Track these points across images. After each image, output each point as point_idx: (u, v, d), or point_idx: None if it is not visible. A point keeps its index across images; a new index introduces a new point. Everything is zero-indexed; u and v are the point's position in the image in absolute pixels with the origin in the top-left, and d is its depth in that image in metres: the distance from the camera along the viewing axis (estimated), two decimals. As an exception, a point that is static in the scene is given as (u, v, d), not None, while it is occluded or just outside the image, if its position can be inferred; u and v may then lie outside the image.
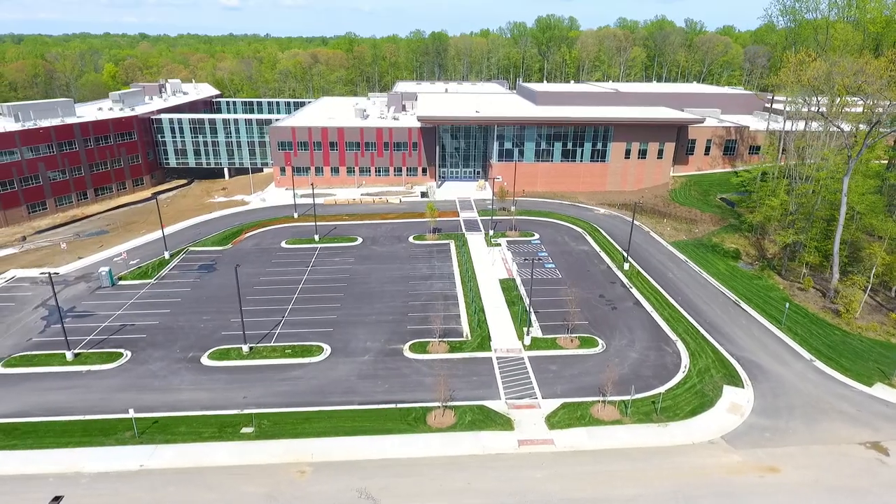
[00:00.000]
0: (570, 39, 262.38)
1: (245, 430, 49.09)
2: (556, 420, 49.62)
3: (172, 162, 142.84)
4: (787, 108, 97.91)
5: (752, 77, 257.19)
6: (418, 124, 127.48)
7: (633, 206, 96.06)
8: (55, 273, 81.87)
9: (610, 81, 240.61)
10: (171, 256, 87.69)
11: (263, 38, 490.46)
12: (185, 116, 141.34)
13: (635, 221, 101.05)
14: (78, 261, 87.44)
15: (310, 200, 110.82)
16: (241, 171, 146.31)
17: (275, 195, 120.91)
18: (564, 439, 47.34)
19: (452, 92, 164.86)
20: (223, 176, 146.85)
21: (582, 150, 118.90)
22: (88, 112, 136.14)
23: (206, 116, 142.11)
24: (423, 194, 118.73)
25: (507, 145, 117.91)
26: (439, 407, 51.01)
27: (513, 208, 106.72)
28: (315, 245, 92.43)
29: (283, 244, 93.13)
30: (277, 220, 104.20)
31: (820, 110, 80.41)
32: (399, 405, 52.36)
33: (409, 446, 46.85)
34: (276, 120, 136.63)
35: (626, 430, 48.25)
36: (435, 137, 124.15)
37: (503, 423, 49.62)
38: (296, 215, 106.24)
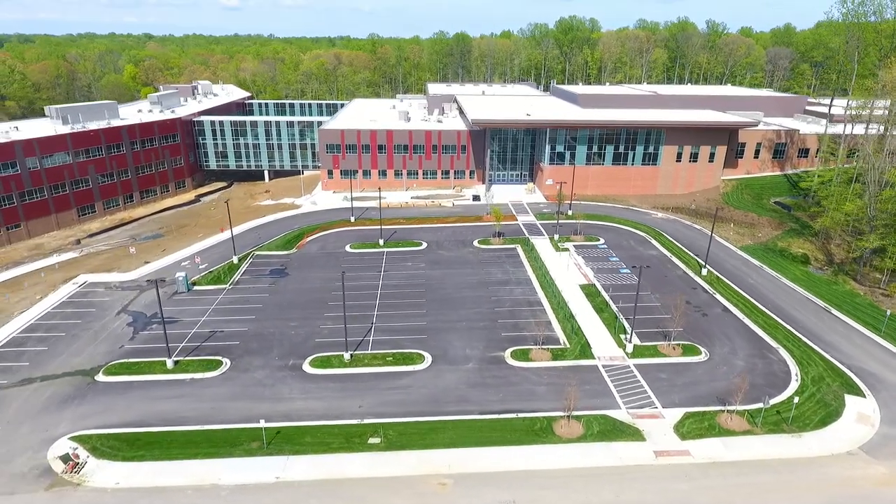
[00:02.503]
0: (592, 41, 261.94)
1: (372, 440, 48.50)
2: (685, 430, 49.08)
3: (213, 164, 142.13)
4: (852, 112, 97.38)
5: (773, 79, 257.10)
6: (464, 127, 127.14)
7: (713, 212, 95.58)
8: (126, 281, 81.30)
9: (632, 83, 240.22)
10: (240, 261, 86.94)
11: (268, 39, 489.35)
12: (227, 118, 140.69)
13: (696, 225, 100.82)
14: (145, 265, 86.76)
15: (358, 204, 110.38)
16: (280, 173, 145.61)
17: (324, 198, 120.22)
18: (700, 450, 46.81)
19: (490, 94, 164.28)
20: (262, 178, 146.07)
21: (633, 154, 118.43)
22: (129, 114, 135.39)
23: (247, 118, 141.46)
24: (476, 198, 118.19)
25: (559, 148, 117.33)
26: (564, 417, 50.43)
27: (570, 212, 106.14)
28: (381, 249, 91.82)
29: (348, 248, 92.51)
30: (335, 224, 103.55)
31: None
32: (519, 415, 51.77)
33: (544, 457, 46.31)
34: (319, 122, 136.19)
35: (760, 441, 47.77)
36: (484, 140, 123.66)
37: (632, 433, 49.08)
38: (352, 219, 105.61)
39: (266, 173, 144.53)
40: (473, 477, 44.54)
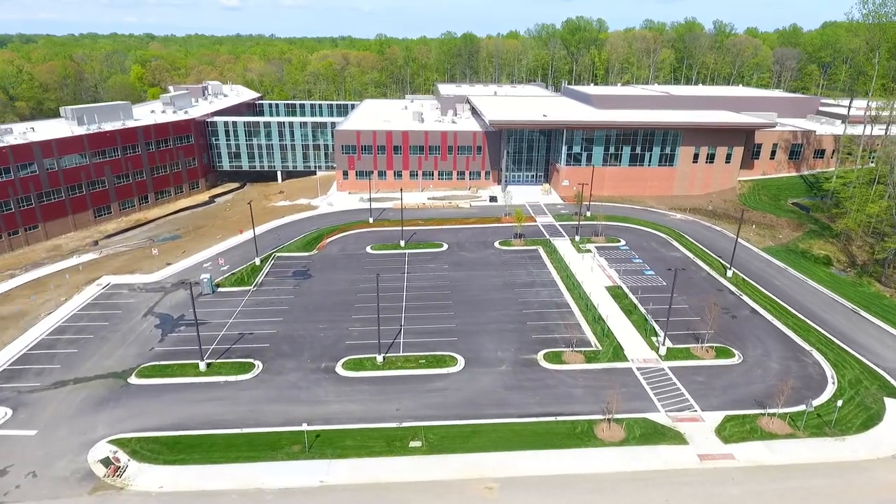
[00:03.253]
0: (599, 41, 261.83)
1: (413, 443, 48.25)
2: (727, 434, 48.87)
3: (225, 165, 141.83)
4: (871, 113, 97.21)
5: (781, 79, 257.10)
6: (479, 127, 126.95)
7: (731, 214, 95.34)
8: (150, 283, 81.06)
9: (639, 84, 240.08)
10: (262, 262, 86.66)
11: (271, 39, 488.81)
12: (240, 119, 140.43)
13: (716, 227, 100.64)
14: (167, 267, 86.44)
15: (374, 205, 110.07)
16: (293, 174, 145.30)
17: (340, 199, 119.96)
18: (744, 454, 46.61)
19: (502, 95, 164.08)
20: (275, 179, 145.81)
21: (650, 154, 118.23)
22: (142, 114, 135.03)
23: (260, 119, 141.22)
24: (492, 199, 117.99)
25: (576, 149, 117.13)
26: (604, 420, 50.21)
27: (588, 213, 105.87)
28: (402, 251, 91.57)
29: (369, 250, 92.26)
30: (354, 226, 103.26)
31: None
32: (558, 418, 51.55)
33: (589, 461, 46.09)
34: (333, 123, 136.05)
35: (804, 445, 47.58)
36: (500, 141, 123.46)
37: (674, 436, 48.86)
38: (371, 220, 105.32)
39: (279, 174, 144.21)
40: (519, 481, 44.29)
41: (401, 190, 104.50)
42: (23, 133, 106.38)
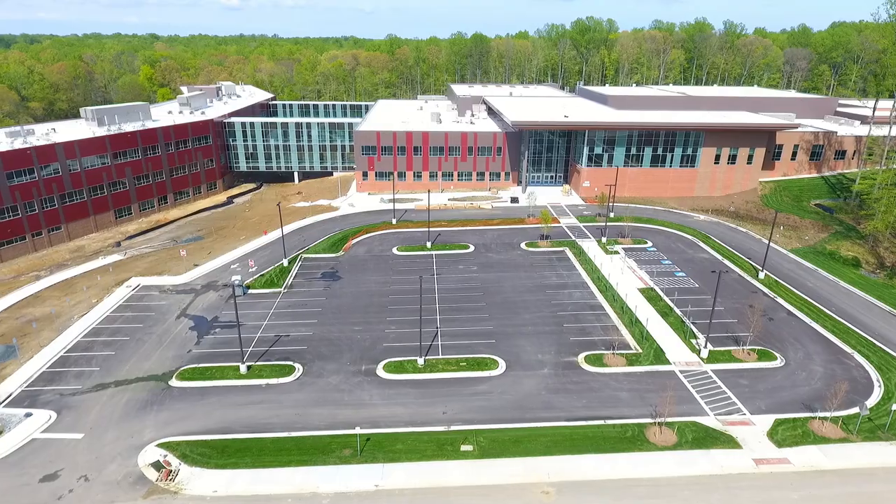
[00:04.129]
0: (609, 42, 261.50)
1: (464, 447, 47.98)
2: (780, 438, 48.58)
3: (242, 165, 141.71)
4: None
5: (791, 80, 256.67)
6: (496, 128, 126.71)
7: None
8: (179, 284, 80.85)
9: (649, 84, 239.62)
10: (290, 263, 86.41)
11: (275, 39, 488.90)
12: (257, 120, 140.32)
13: (741, 228, 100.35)
14: (195, 268, 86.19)
15: (393, 206, 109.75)
16: (309, 174, 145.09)
17: (361, 200, 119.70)
18: (799, 458, 46.33)
19: (517, 95, 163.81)
20: (291, 179, 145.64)
21: (671, 156, 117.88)
22: (159, 115, 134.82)
23: (277, 120, 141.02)
24: (514, 200, 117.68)
25: (597, 150, 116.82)
26: (654, 423, 49.93)
27: (611, 214, 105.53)
28: (429, 252, 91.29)
29: (395, 251, 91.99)
30: (377, 227, 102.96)
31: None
32: (607, 421, 51.27)
33: (644, 465, 45.80)
34: (350, 124, 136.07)
35: (859, 449, 47.28)
36: (520, 142, 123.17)
37: (726, 440, 48.57)
38: (394, 221, 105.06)
39: (295, 175, 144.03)
40: (575, 485, 44.02)
41: (428, 191, 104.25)
42: (45, 134, 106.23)
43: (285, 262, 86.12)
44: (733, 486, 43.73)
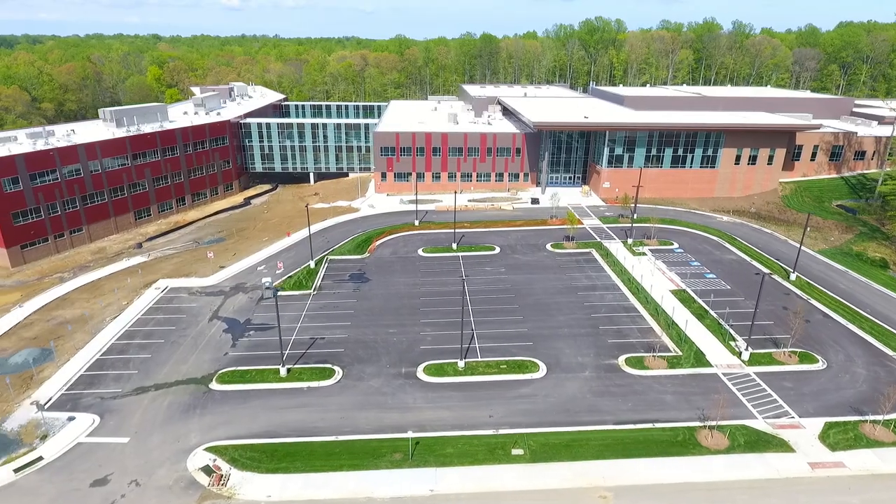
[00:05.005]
0: (618, 42, 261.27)
1: (515, 451, 47.63)
2: (832, 441, 48.28)
3: (258, 166, 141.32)
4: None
5: (800, 80, 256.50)
6: (514, 129, 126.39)
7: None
8: (207, 286, 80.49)
9: (657, 84, 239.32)
10: (316, 265, 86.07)
11: (276, 39, 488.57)
12: (273, 121, 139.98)
13: (765, 229, 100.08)
14: (221, 270, 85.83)
15: (414, 207, 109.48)
16: (324, 175, 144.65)
17: (381, 201, 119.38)
18: (855, 462, 46.06)
19: (531, 96, 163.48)
20: (306, 180, 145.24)
21: (692, 156, 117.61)
22: (175, 115, 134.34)
23: (293, 120, 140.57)
24: (534, 201, 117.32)
25: (618, 151, 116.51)
26: (704, 427, 49.60)
27: (635, 216, 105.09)
28: (455, 254, 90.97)
29: (421, 252, 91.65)
30: (400, 228, 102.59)
31: None
32: (656, 424, 50.93)
33: (699, 469, 45.50)
34: (366, 125, 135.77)
35: (914, 452, 46.87)
36: (538, 143, 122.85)
37: (778, 444, 48.26)
38: (416, 222, 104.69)
39: (311, 175, 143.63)
40: (632, 490, 43.69)
41: (455, 192, 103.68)
42: (66, 135, 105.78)
43: (312, 264, 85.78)
44: (791, 490, 43.42)
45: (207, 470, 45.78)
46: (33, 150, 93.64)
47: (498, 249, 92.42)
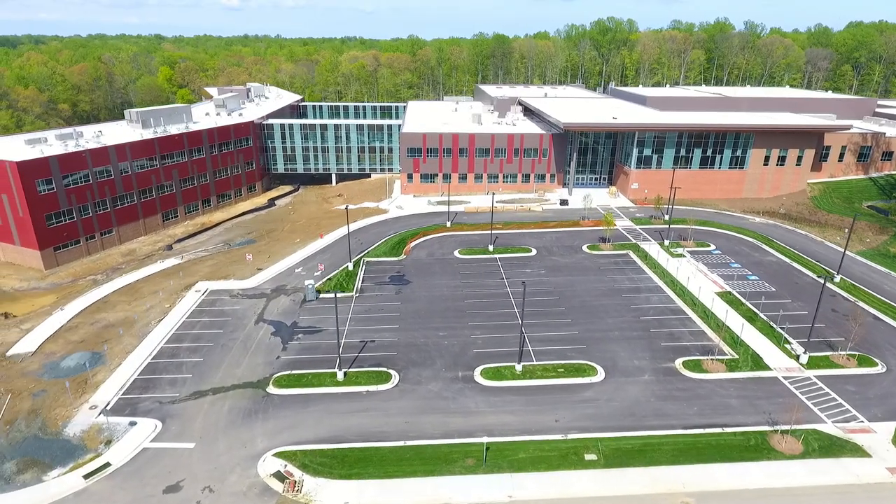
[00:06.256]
0: (630, 42, 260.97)
1: (588, 456, 47.12)
2: (907, 445, 47.73)
3: (280, 167, 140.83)
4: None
5: (812, 80, 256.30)
6: (541, 130, 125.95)
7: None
8: (247, 288, 80.00)
9: (669, 84, 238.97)
10: (354, 267, 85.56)
11: (277, 39, 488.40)
12: (296, 122, 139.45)
13: (800, 230, 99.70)
14: (259, 272, 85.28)
15: (443, 208, 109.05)
16: (347, 176, 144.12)
17: (408, 202, 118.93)
18: (934, 466, 45.47)
19: (552, 96, 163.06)
20: (328, 181, 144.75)
21: (721, 157, 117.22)
22: (198, 116, 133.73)
23: (316, 121, 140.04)
24: (563, 202, 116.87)
25: (647, 152, 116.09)
26: (776, 431, 49.14)
27: (666, 217, 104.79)
28: (492, 255, 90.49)
29: (457, 254, 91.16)
30: (432, 230, 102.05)
31: None
32: (726, 429, 50.46)
33: (777, 475, 45.04)
34: (389, 126, 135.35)
35: None
36: (565, 144, 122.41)
37: (853, 448, 47.80)
38: (448, 224, 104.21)
39: (333, 176, 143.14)
40: (714, 496, 43.22)
41: (492, 194, 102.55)
42: (94, 136, 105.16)
43: (350, 266, 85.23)
44: (875, 495, 43.00)
45: (279, 476, 45.26)
46: (66, 152, 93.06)
47: (534, 251, 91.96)
